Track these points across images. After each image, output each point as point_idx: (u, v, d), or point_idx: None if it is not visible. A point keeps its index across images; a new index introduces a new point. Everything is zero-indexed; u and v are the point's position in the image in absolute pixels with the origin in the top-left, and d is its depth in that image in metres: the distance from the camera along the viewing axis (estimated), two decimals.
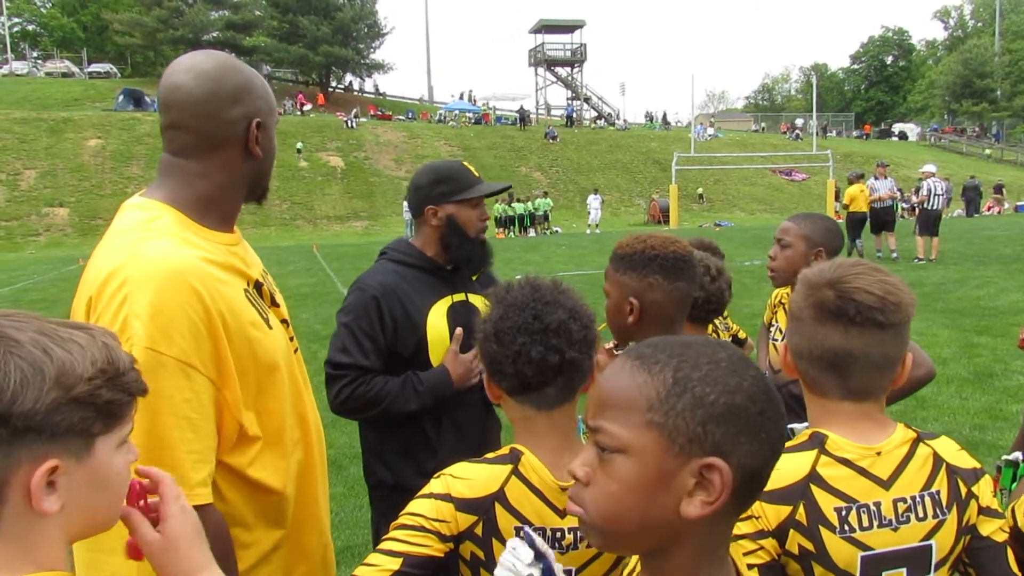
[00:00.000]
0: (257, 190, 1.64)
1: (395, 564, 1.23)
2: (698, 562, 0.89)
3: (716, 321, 2.56)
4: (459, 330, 2.24)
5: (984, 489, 1.35)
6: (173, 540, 1.04)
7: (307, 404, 1.69)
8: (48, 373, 0.86)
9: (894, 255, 15.05)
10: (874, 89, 74.73)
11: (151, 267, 1.35)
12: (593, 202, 30.50)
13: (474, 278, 2.43)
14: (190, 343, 1.35)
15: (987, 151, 51.89)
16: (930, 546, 1.30)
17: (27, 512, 0.87)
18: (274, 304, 1.65)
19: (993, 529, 1.33)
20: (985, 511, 1.34)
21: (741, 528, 1.27)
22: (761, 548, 1.27)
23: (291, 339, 1.68)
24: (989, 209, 32.62)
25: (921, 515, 1.30)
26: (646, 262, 1.77)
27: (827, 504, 1.28)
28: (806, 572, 1.28)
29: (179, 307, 1.34)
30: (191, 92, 1.50)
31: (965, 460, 1.36)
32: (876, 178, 15.54)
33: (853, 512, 1.28)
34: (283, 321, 1.67)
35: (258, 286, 1.59)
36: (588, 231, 29.52)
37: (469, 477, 1.33)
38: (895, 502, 1.29)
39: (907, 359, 1.34)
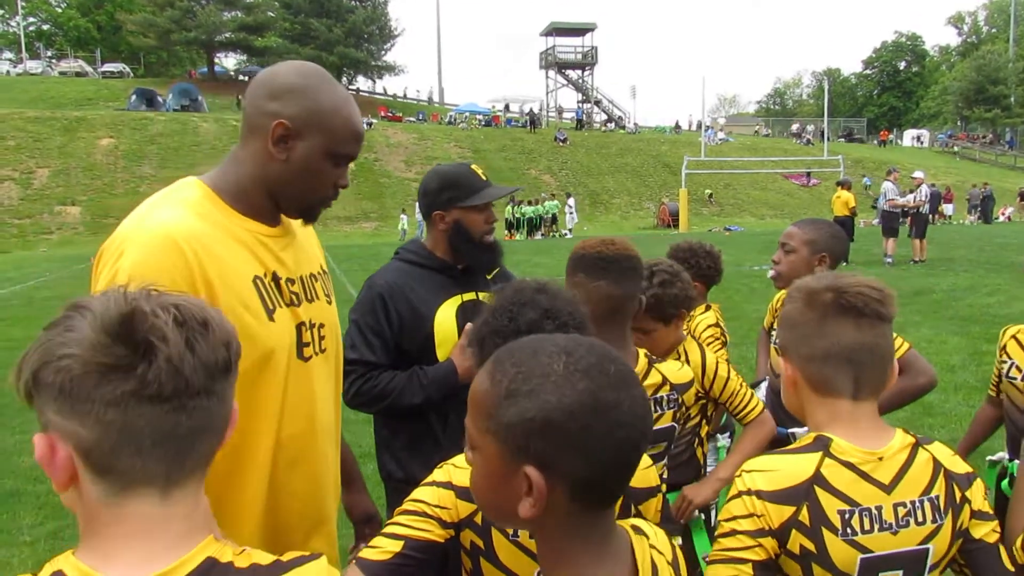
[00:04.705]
0: (283, 201, 1.62)
1: (396, 546, 1.28)
2: (566, 548, 0.96)
3: (684, 325, 2.50)
4: (468, 324, 2.26)
5: (976, 493, 1.38)
6: None
7: (321, 409, 1.67)
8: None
9: (888, 259, 15.16)
10: (887, 94, 74.41)
11: (149, 229, 1.44)
12: (568, 208, 30.82)
13: (489, 276, 2.46)
14: None
15: (999, 157, 51.52)
16: (927, 550, 1.33)
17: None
18: (294, 304, 1.62)
19: (986, 531, 1.37)
20: (977, 514, 1.37)
21: (742, 525, 1.30)
22: (759, 545, 1.29)
23: (307, 344, 1.65)
24: (1002, 214, 32.50)
25: (920, 519, 1.33)
26: (575, 262, 1.86)
27: (831, 506, 1.31)
28: (805, 572, 1.31)
29: (160, 266, 1.40)
30: (255, 79, 1.64)
31: (959, 465, 1.40)
32: (891, 184, 15.74)
33: (856, 515, 1.31)
34: (303, 324, 1.64)
35: (276, 279, 1.59)
36: (566, 232, 29.75)
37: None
38: (895, 506, 1.32)
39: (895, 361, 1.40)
